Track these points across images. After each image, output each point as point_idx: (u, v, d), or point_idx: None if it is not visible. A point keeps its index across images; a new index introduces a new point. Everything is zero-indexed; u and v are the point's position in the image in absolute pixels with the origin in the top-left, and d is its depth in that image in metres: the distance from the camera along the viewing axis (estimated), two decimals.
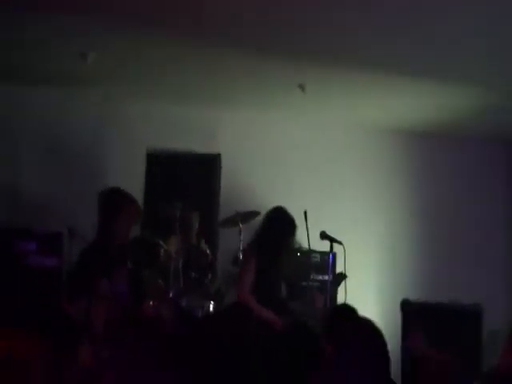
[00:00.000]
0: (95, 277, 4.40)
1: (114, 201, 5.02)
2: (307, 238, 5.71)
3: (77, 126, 7.25)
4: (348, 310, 3.85)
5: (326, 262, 6.36)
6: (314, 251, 6.53)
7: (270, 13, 4.91)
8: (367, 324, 3.01)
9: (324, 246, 5.85)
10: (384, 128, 7.89)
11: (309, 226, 5.70)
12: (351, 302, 4.44)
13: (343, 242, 5.66)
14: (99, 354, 4.16)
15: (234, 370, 3.10)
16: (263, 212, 5.67)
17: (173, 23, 5.21)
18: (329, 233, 5.65)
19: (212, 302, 5.82)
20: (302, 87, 6.53)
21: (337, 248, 5.73)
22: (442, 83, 6.24)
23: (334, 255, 5.98)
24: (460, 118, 7.32)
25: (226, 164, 7.75)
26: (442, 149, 8.08)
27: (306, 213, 5.74)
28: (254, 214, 6.29)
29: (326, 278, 6.38)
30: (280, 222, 5.41)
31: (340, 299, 6.00)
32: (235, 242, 6.50)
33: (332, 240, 5.66)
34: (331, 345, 3.20)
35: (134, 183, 6.66)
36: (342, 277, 5.86)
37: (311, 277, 6.61)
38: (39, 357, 4.28)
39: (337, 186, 7.83)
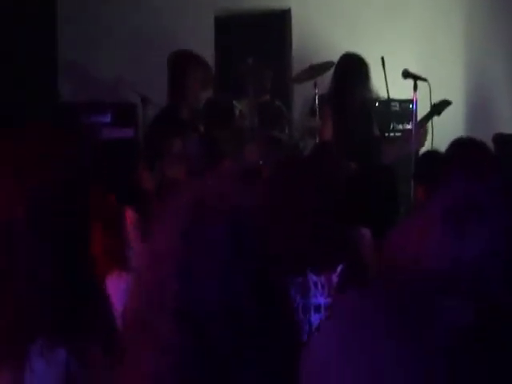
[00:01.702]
0: (168, 137, 4.24)
1: (180, 63, 4.97)
2: (386, 85, 5.37)
3: None
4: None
5: (406, 110, 6.24)
6: (393, 99, 6.27)
7: None
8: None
9: (405, 94, 5.61)
10: None
11: (387, 74, 5.35)
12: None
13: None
14: None
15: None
16: None
17: None
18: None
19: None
20: None
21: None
22: None
23: (416, 101, 5.45)
24: None
25: (296, 18, 7.43)
26: None
27: (383, 59, 5.35)
28: (329, 64, 5.93)
29: (408, 127, 6.15)
30: (349, 69, 5.17)
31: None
32: (310, 96, 6.28)
33: (416, 77, 5.27)
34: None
35: (204, 47, 6.42)
36: (446, 103, 5.37)
37: (392, 127, 6.32)
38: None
39: (413, 28, 7.38)
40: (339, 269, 2.53)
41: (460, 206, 1.28)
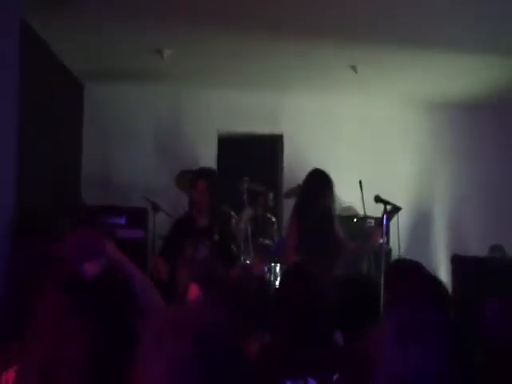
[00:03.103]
0: (182, 245, 4.52)
1: (190, 181, 5.23)
2: (363, 205, 5.74)
3: (155, 114, 7.55)
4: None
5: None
6: (369, 217, 6.44)
7: (320, 6, 5.07)
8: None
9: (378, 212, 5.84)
10: (430, 101, 7.90)
11: (363, 194, 5.71)
12: None
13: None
14: None
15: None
16: None
17: (239, 22, 5.50)
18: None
19: (278, 264, 5.93)
20: (353, 68, 6.55)
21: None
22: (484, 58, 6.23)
23: (388, 219, 5.54)
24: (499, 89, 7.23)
25: (287, 142, 7.88)
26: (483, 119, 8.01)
27: (360, 182, 5.74)
28: None
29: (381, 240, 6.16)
30: (310, 183, 5.17)
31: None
32: None
33: (386, 202, 5.45)
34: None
35: (208, 163, 6.91)
36: (396, 209, 5.56)
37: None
38: None
39: (388, 157, 7.85)
40: (335, 377, 2.56)
41: (406, 327, 1.37)
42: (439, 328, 1.38)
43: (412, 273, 2.95)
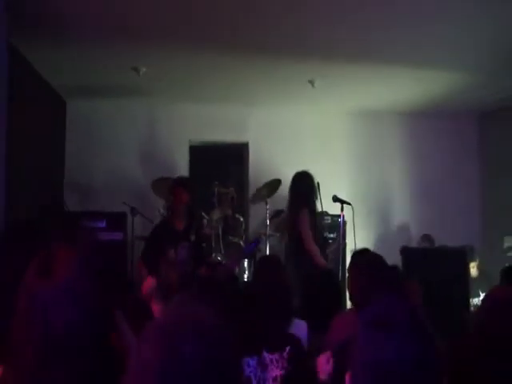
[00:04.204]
0: (165, 248, 4.62)
1: (169, 188, 5.36)
2: (320, 203, 5.95)
3: (132, 126, 7.74)
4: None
5: (335, 222, 6.65)
6: (327, 214, 6.80)
7: (282, 27, 5.26)
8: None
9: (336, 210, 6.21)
10: (375, 110, 8.17)
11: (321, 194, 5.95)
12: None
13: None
14: None
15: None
16: (284, 183, 5.99)
17: (209, 44, 5.68)
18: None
19: (246, 260, 6.33)
20: (311, 83, 6.75)
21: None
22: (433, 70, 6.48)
23: (344, 217, 6.01)
24: (445, 97, 7.50)
25: (252, 149, 8.06)
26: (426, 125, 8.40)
27: (318, 184, 5.89)
28: (276, 181, 6.67)
29: (333, 235, 6.69)
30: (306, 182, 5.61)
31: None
32: (262, 212, 6.90)
33: (342, 202, 5.86)
34: None
35: (180, 170, 7.23)
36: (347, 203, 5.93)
37: (324, 234, 6.64)
38: None
39: (341, 162, 8.14)
40: (287, 349, 2.78)
41: (376, 320, 1.38)
42: (408, 316, 1.39)
43: (374, 263, 3.05)
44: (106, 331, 1.52)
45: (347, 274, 3.38)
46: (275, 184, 6.78)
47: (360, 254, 3.62)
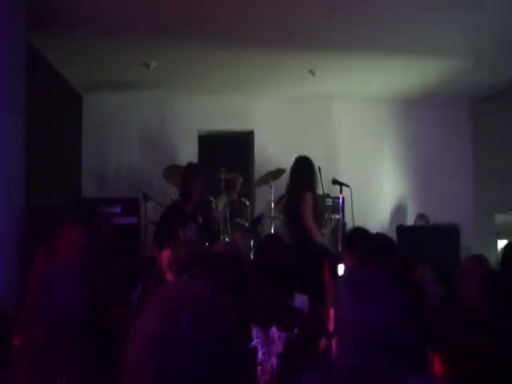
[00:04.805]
0: (175, 228, 4.61)
1: (186, 174, 5.37)
2: (321, 186, 5.98)
3: (143, 118, 7.95)
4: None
5: (336, 204, 6.76)
6: (328, 195, 6.93)
7: (282, 19, 5.38)
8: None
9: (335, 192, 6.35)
10: (374, 97, 8.28)
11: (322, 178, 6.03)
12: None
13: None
14: None
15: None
16: (287, 170, 5.95)
17: (216, 38, 5.83)
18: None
19: (252, 240, 6.45)
20: (312, 72, 6.90)
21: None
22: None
23: (343, 199, 6.09)
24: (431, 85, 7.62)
25: (257, 137, 8.24)
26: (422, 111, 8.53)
27: (319, 168, 5.90)
28: (280, 171, 6.75)
29: (338, 216, 6.67)
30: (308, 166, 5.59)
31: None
32: (267, 196, 7.06)
33: (341, 184, 5.95)
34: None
35: (190, 158, 7.25)
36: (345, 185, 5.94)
37: (325, 215, 6.71)
38: None
39: (341, 146, 8.29)
40: (296, 330, 2.71)
41: (360, 283, 1.41)
42: (389, 279, 1.42)
43: (367, 238, 3.14)
44: (106, 306, 1.55)
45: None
46: (279, 173, 6.85)
47: (355, 233, 3.58)
